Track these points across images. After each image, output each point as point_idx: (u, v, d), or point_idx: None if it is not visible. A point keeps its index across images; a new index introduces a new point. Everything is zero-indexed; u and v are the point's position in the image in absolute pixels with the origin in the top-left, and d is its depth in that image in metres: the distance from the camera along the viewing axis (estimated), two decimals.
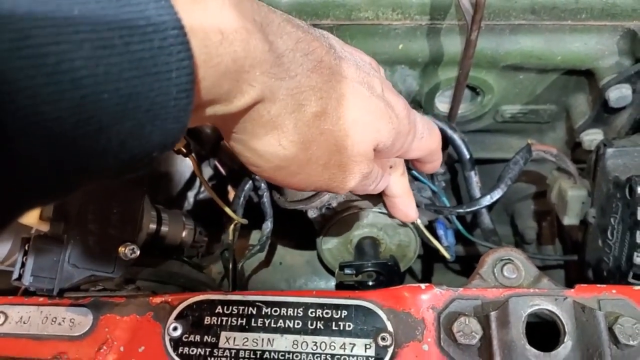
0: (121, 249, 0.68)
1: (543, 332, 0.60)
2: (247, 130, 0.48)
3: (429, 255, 1.14)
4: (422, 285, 0.62)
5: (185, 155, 0.74)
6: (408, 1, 0.86)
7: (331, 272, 1.02)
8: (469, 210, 0.87)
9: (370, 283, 0.90)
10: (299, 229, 1.11)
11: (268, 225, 0.91)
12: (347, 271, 0.90)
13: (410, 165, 0.90)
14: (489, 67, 0.94)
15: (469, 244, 1.16)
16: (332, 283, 1.05)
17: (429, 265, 1.19)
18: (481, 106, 1.02)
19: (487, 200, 0.87)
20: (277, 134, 0.48)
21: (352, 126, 0.52)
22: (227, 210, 0.81)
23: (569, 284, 1.03)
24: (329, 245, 0.97)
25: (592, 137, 0.97)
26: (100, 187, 0.67)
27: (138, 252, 0.68)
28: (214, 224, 1.15)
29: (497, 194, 0.86)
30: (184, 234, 0.86)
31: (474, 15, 0.80)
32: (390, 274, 0.90)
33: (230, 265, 0.83)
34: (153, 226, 0.82)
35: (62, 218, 0.64)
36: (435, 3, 0.86)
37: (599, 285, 0.62)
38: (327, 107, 0.50)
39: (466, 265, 1.20)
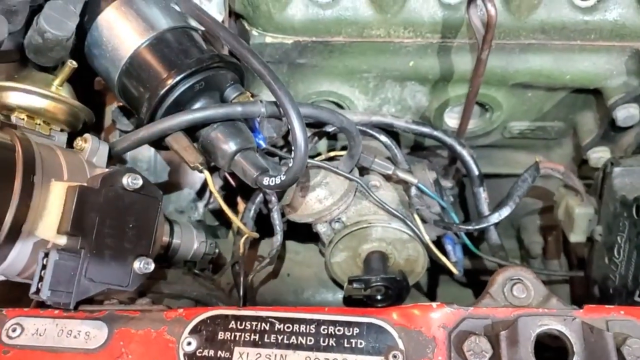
0: (136, 264, 0.69)
1: (552, 351, 0.61)
2: None
3: (435, 268, 1.14)
4: (434, 304, 0.63)
5: (201, 171, 0.75)
6: (420, 20, 0.87)
7: (339, 285, 1.03)
8: (477, 227, 0.88)
9: (379, 297, 0.91)
10: (307, 241, 1.12)
11: (278, 239, 0.93)
12: (356, 285, 0.90)
13: (418, 182, 0.92)
14: (498, 85, 0.95)
15: (475, 258, 1.17)
16: (340, 295, 1.06)
17: (435, 279, 1.20)
18: (490, 122, 1.03)
19: (496, 217, 0.88)
20: None
21: None
22: (239, 223, 0.82)
23: (575, 299, 1.04)
24: (337, 258, 0.97)
25: (599, 155, 0.99)
26: (116, 200, 0.68)
27: (152, 266, 0.69)
28: (220, 235, 1.16)
29: (505, 212, 0.87)
30: (195, 246, 0.87)
31: (485, 34, 0.81)
32: (399, 289, 0.91)
33: (241, 280, 0.84)
34: (166, 239, 0.83)
35: (79, 232, 0.65)
36: (446, 22, 0.87)
37: (607, 306, 0.63)
38: None
39: (472, 279, 1.21)
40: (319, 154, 0.96)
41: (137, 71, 0.76)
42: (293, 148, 0.70)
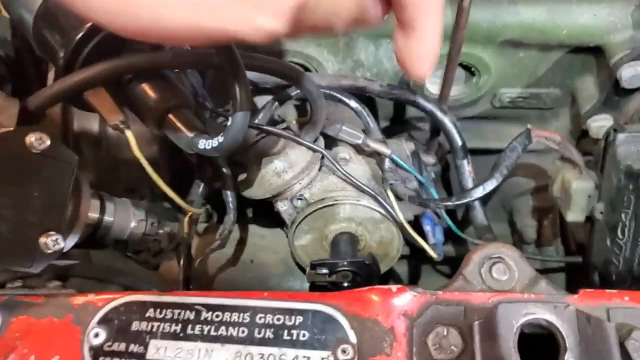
0: (42, 239, 0.57)
1: (539, 346, 0.50)
2: None
3: (416, 256, 1.03)
4: (394, 287, 0.52)
5: (122, 131, 0.63)
6: None
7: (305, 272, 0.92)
8: (458, 202, 0.76)
9: (346, 284, 0.80)
10: (274, 226, 1.01)
11: (230, 219, 0.81)
12: (320, 271, 0.79)
13: (392, 153, 0.80)
14: (485, 43, 0.84)
15: (461, 244, 1.05)
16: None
17: (416, 267, 1.08)
18: (477, 88, 0.91)
19: (480, 191, 0.76)
20: None
21: None
22: (178, 200, 0.70)
23: (572, 289, 0.92)
24: (302, 241, 0.86)
25: (600, 124, 0.87)
26: (16, 163, 0.56)
27: (63, 244, 0.58)
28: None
29: (490, 185, 0.76)
30: (132, 225, 0.76)
31: None
32: (368, 275, 0.79)
33: (182, 262, 0.73)
34: (95, 215, 0.72)
35: None
36: None
37: (607, 291, 0.52)
38: None
39: (458, 267, 1.09)
40: (282, 122, 0.84)
41: (52, 13, 0.65)
42: (231, 103, 0.59)
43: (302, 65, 0.89)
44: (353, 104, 0.82)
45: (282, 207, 0.83)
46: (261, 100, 0.85)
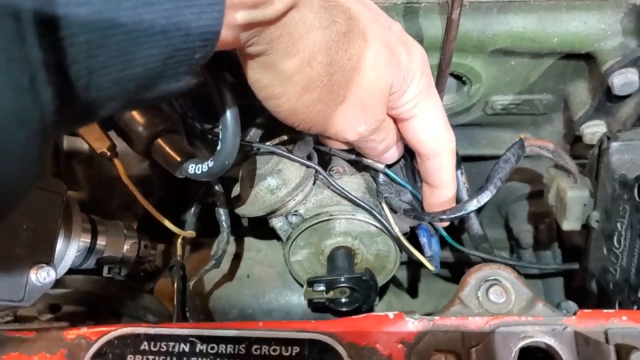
0: (32, 273, 0.56)
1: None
2: (280, 47, 0.47)
3: (415, 261, 1.02)
4: (390, 314, 0.51)
5: (110, 159, 0.62)
6: None
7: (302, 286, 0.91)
8: (453, 217, 0.75)
9: (344, 300, 0.79)
10: (270, 238, 1.00)
11: (224, 237, 0.80)
12: (317, 287, 0.79)
13: (386, 170, 0.79)
14: (475, 52, 0.83)
15: (458, 249, 1.05)
16: None
17: (415, 272, 1.08)
18: (468, 97, 0.90)
19: (474, 204, 0.75)
20: (308, 51, 0.49)
21: (375, 56, 0.55)
22: (169, 225, 0.69)
23: (570, 293, 0.92)
24: (298, 256, 0.85)
25: (593, 130, 0.86)
26: None
27: (54, 276, 0.57)
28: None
29: (485, 198, 0.75)
30: (125, 247, 0.75)
31: None
32: (366, 290, 0.79)
33: (176, 285, 0.72)
34: (86, 240, 0.71)
35: None
36: None
37: (605, 311, 0.51)
38: (354, 29, 0.53)
39: (457, 271, 1.09)
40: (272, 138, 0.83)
41: None
42: (221, 127, 0.58)
43: None
44: None
45: (277, 223, 0.82)
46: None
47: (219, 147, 0.59)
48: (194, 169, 0.61)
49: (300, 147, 0.79)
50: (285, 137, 0.82)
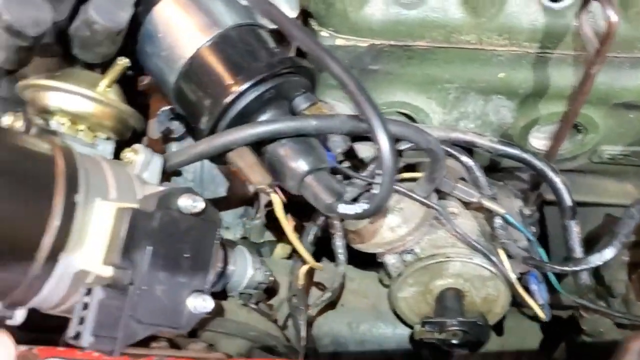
0: (190, 301, 0.58)
1: None
2: None
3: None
4: None
5: (267, 194, 0.64)
6: (518, 25, 0.76)
7: (399, 318, 0.91)
8: (577, 269, 0.76)
9: (455, 342, 0.80)
10: (362, 266, 1.01)
11: (341, 270, 0.81)
12: (429, 328, 0.79)
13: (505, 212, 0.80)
14: (598, 104, 0.83)
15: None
16: (400, 331, 0.94)
17: None
18: (581, 145, 0.91)
19: (598, 259, 0.75)
20: None
21: None
22: (306, 255, 0.71)
23: None
24: (405, 293, 0.86)
25: None
26: (172, 225, 0.57)
27: (211, 305, 0.58)
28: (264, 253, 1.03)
29: (609, 253, 0.75)
30: (250, 273, 0.76)
31: (600, 46, 0.69)
32: (478, 334, 0.79)
33: (301, 319, 0.73)
34: (220, 264, 0.72)
35: (129, 264, 0.54)
36: (548, 29, 0.76)
37: None
38: None
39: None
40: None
41: (197, 75, 0.66)
42: (381, 172, 0.59)
43: (408, 115, 0.89)
44: (464, 159, 0.82)
45: (391, 260, 0.83)
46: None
47: (376, 191, 0.60)
48: (344, 209, 0.62)
49: (422, 187, 0.79)
50: (405, 175, 0.83)
